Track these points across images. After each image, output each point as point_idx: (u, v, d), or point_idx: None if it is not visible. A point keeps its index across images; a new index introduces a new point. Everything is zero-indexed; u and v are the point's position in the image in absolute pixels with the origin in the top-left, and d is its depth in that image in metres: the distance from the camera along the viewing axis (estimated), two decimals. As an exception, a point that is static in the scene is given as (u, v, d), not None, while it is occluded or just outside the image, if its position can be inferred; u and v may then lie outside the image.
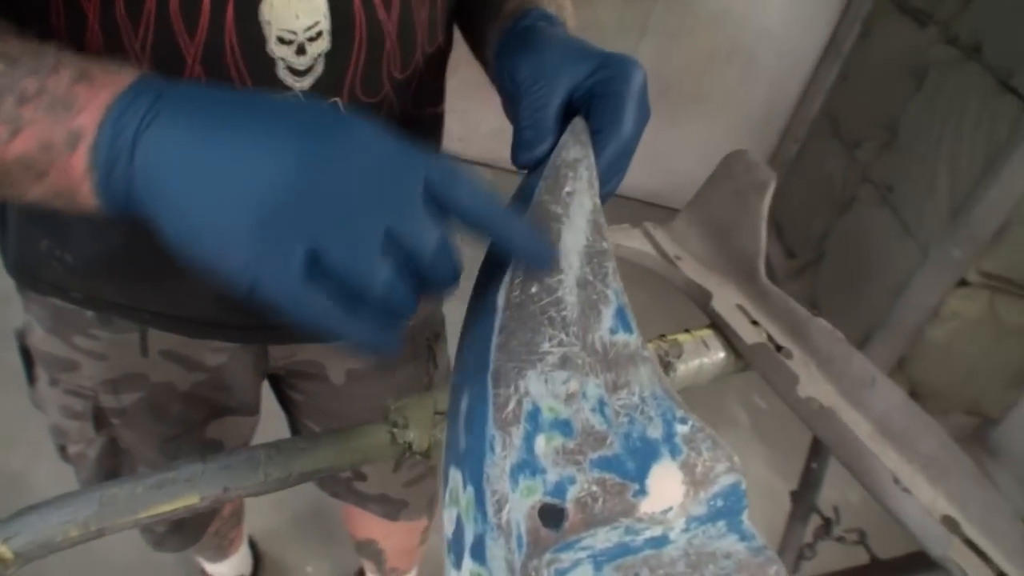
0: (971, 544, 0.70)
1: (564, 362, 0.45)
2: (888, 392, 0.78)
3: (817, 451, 1.10)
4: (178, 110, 0.43)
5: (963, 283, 2.32)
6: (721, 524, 0.42)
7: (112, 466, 1.00)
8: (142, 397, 0.91)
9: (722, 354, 0.81)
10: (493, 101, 0.69)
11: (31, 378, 0.93)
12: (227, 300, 0.60)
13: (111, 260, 0.75)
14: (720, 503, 0.42)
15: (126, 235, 0.71)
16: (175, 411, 0.94)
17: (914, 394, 2.58)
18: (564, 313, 0.47)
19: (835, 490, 1.10)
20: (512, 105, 0.63)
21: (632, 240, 0.92)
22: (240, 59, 0.61)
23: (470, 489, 0.43)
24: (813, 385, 0.79)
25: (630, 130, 0.59)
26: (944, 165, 2.38)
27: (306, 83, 0.65)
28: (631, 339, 0.48)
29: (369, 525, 1.40)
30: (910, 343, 2.45)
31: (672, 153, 3.38)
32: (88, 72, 0.45)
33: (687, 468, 0.42)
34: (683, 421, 0.44)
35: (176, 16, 0.58)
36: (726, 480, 0.42)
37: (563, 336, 0.46)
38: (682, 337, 0.80)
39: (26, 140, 0.43)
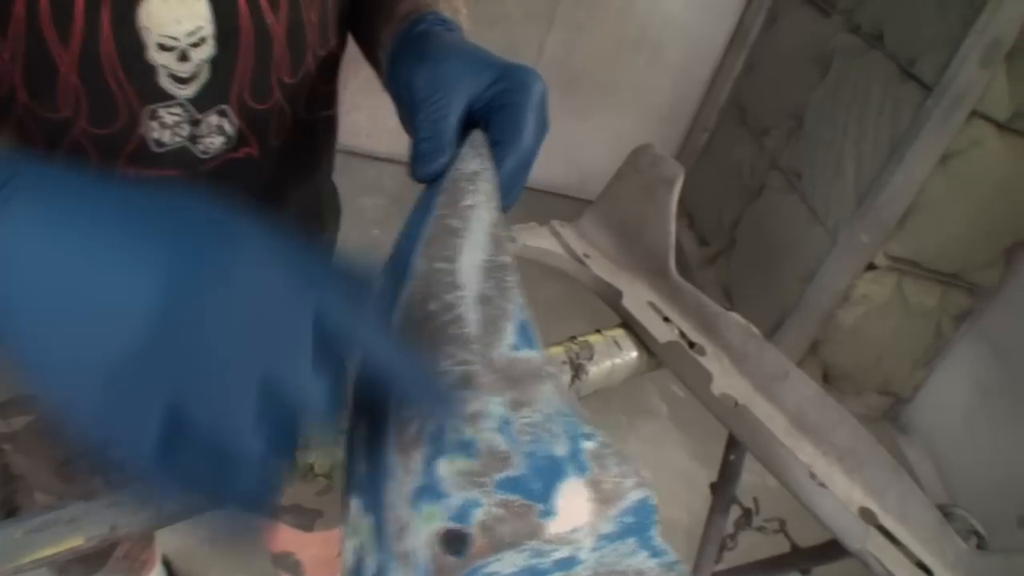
0: (888, 534, 0.70)
1: (466, 381, 0.42)
2: (801, 385, 0.77)
3: (734, 444, 1.09)
4: (30, 203, 0.32)
5: (871, 267, 2.37)
6: (631, 541, 0.40)
7: (6, 492, 0.94)
8: (32, 420, 0.86)
9: (634, 353, 0.80)
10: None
11: None
12: None
13: None
14: (630, 519, 0.40)
15: None
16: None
17: (827, 376, 2.62)
18: (465, 330, 0.44)
19: (756, 477, 1.10)
20: (408, 115, 0.58)
21: (539, 239, 0.90)
22: (119, 67, 0.57)
23: (370, 517, 0.40)
24: (726, 380, 0.78)
25: (530, 143, 0.55)
26: (850, 152, 2.42)
27: (190, 91, 0.61)
28: (534, 355, 0.45)
29: (285, 538, 1.35)
30: (822, 327, 2.49)
31: (581, 144, 3.38)
32: None
33: (594, 486, 0.40)
34: (589, 437, 0.41)
35: (47, 23, 0.54)
36: (635, 496, 0.40)
37: (464, 354, 0.43)
38: (593, 338, 0.78)
39: None
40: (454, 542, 0.37)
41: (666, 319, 0.83)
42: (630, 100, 3.44)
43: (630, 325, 0.82)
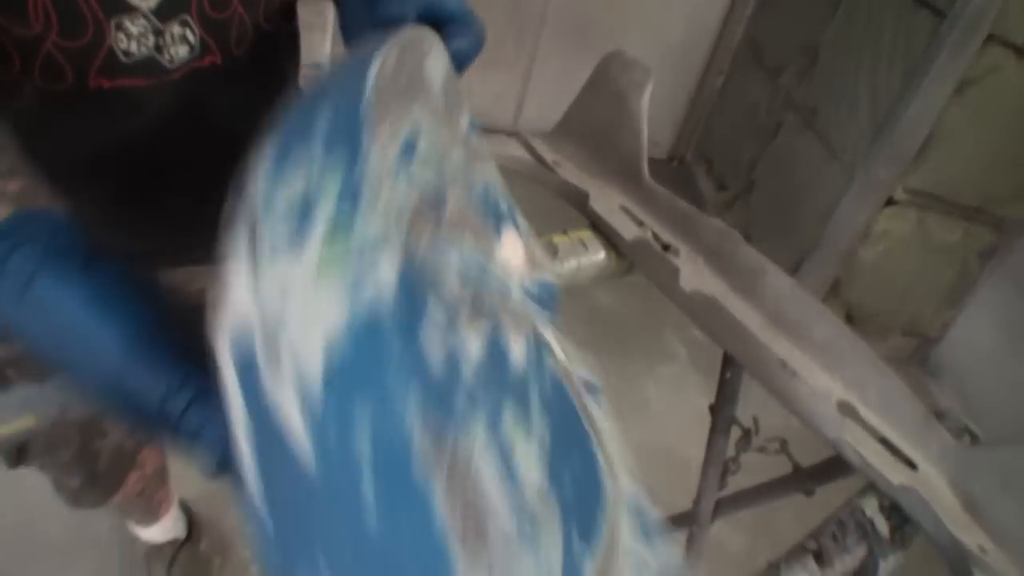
0: (869, 428, 0.67)
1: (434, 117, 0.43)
2: (779, 283, 0.74)
3: (729, 361, 1.07)
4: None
5: (891, 202, 2.31)
6: (547, 313, 0.46)
7: None
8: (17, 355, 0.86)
9: (602, 254, 0.77)
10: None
11: None
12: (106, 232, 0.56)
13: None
14: (546, 294, 0.45)
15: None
16: None
17: (851, 318, 2.57)
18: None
19: (756, 402, 1.08)
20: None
21: (508, 148, 0.87)
22: None
23: None
24: (699, 279, 0.74)
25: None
26: (864, 85, 2.35)
27: (152, 2, 0.62)
28: (483, 144, 0.50)
29: None
30: (843, 266, 2.44)
31: (597, 93, 3.32)
32: None
33: (526, 246, 0.45)
34: (517, 220, 0.48)
35: None
36: (549, 278, 0.46)
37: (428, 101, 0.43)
38: (558, 238, 0.75)
39: None
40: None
41: (639, 223, 0.79)
42: (641, 46, 3.36)
43: (599, 227, 0.78)
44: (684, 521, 1.02)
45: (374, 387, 0.30)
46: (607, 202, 0.80)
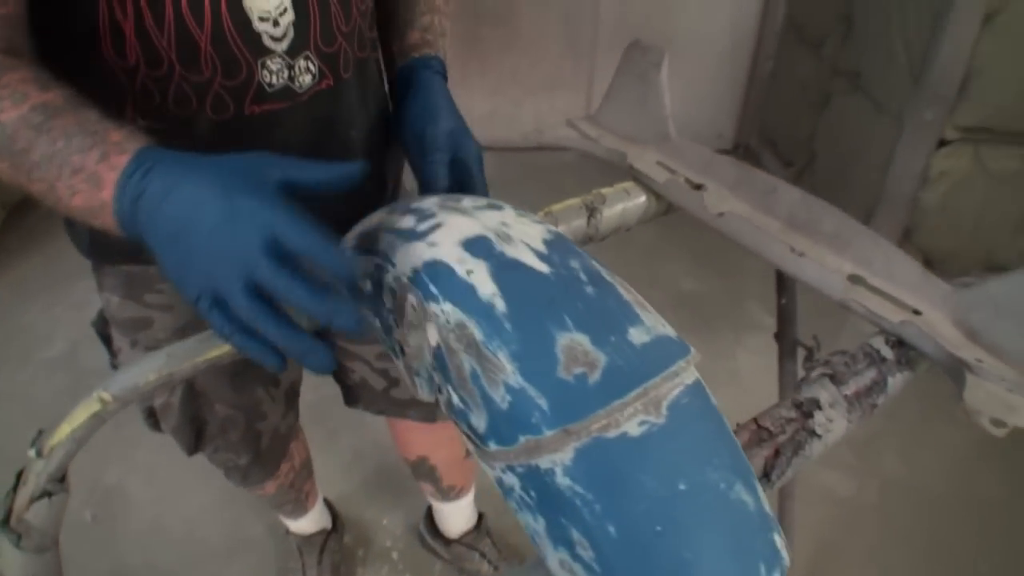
0: (876, 290, 0.82)
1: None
2: (789, 193, 0.91)
3: (782, 285, 1.22)
4: (156, 179, 0.64)
5: (943, 143, 2.41)
6: None
7: (194, 409, 1.19)
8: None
9: (643, 198, 0.95)
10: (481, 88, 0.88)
11: (112, 354, 1.14)
12: None
13: None
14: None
15: None
16: None
17: (928, 262, 2.65)
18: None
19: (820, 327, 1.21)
20: (413, 154, 0.93)
21: (561, 131, 1.06)
22: (237, 37, 0.83)
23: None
24: (725, 204, 0.92)
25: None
26: (898, 37, 2.48)
27: (284, 45, 0.86)
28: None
29: (415, 440, 1.59)
30: (909, 212, 2.54)
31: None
32: (107, 154, 0.66)
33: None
34: None
35: (188, 17, 0.79)
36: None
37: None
38: (606, 190, 0.94)
39: (79, 201, 0.67)
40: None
41: (672, 171, 0.97)
42: (691, 48, 3.54)
43: (638, 179, 0.96)
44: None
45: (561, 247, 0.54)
46: (643, 159, 0.98)
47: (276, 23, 0.85)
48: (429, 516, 1.92)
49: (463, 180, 0.90)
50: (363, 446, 2.19)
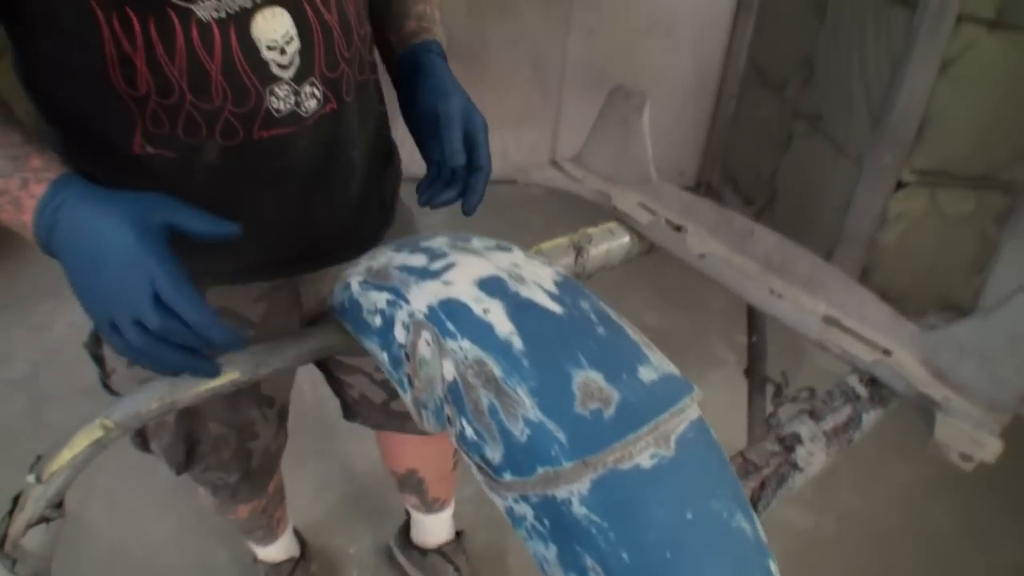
0: (849, 331, 0.87)
1: None
2: (765, 237, 0.95)
3: (753, 323, 1.26)
4: (67, 213, 0.74)
5: (901, 185, 2.49)
6: None
7: (187, 427, 1.20)
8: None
9: (627, 238, 0.99)
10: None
11: (106, 374, 1.17)
12: (264, 247, 0.98)
13: None
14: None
15: None
16: None
17: (884, 300, 2.72)
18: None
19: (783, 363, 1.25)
20: (425, 133, 1.00)
21: (546, 172, 1.09)
22: (245, 65, 0.86)
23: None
24: (705, 245, 0.96)
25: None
26: (858, 82, 2.56)
27: (290, 72, 0.90)
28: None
29: (406, 452, 1.61)
30: (868, 252, 2.61)
31: (619, 136, 3.56)
32: (27, 181, 0.75)
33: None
34: None
35: (199, 47, 0.82)
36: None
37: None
38: (592, 229, 0.98)
39: (6, 218, 0.78)
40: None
41: (653, 212, 1.01)
42: (655, 85, 3.60)
43: (622, 219, 1.00)
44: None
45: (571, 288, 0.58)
46: (626, 200, 1.02)
47: (283, 51, 0.88)
48: (405, 529, 1.93)
49: (472, 152, 0.97)
50: (330, 473, 2.20)
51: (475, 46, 3.48)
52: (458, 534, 1.90)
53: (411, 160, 1.14)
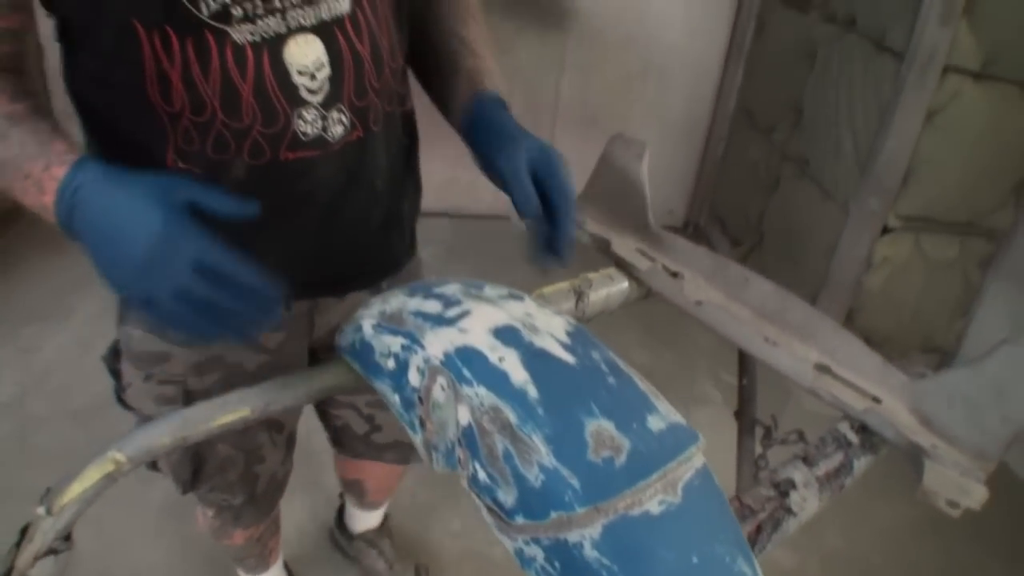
0: (840, 378, 0.89)
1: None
2: (760, 285, 0.98)
3: (744, 366, 1.29)
4: (86, 194, 0.76)
5: (886, 230, 2.53)
6: None
7: (195, 446, 1.20)
8: (220, 377, 1.14)
9: (625, 284, 1.01)
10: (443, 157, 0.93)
11: (121, 388, 1.17)
12: (285, 270, 0.96)
13: None
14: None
15: None
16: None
17: (868, 343, 2.75)
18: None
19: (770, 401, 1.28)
20: (501, 183, 0.97)
21: (545, 216, 1.12)
22: (276, 88, 0.89)
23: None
24: (701, 292, 0.98)
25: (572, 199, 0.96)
26: (845, 129, 2.61)
27: (319, 97, 0.93)
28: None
29: (360, 468, 1.68)
30: (853, 296, 2.65)
31: (609, 175, 3.61)
32: (49, 164, 0.77)
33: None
34: None
35: (233, 68, 0.86)
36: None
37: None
38: (592, 275, 1.00)
39: (29, 201, 0.80)
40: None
41: (652, 259, 1.04)
42: (647, 126, 3.68)
43: (621, 265, 1.03)
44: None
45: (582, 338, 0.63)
46: (625, 246, 1.05)
47: (313, 77, 0.91)
48: (340, 513, 2.03)
49: (548, 193, 0.94)
50: (317, 507, 2.20)
51: (468, 84, 3.51)
52: (385, 516, 1.99)
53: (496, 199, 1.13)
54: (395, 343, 0.70)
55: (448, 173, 3.64)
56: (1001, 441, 0.81)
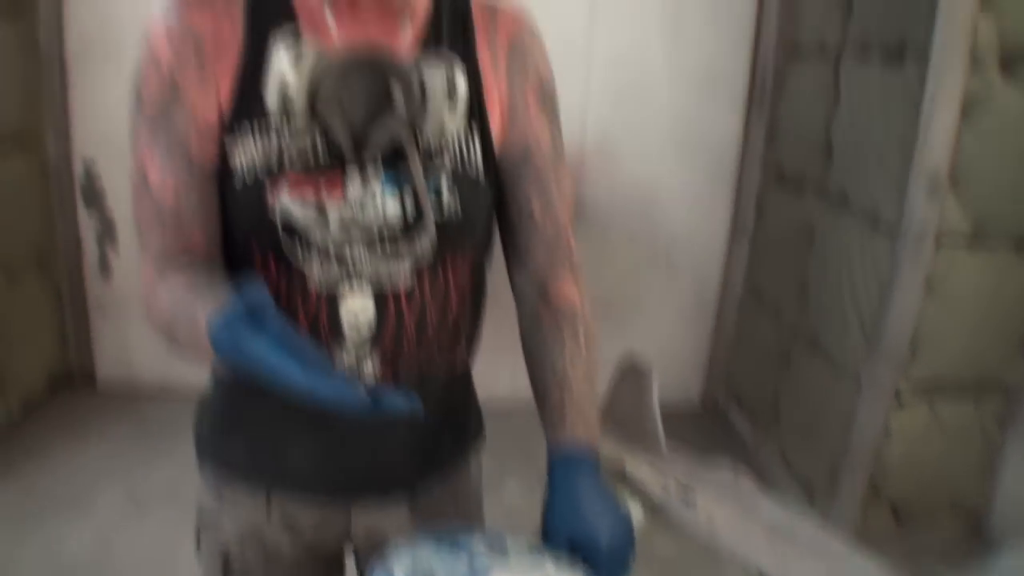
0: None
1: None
2: (770, 505, 1.04)
3: None
4: (224, 344, 0.82)
5: (900, 400, 2.58)
6: None
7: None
8: (258, 556, 1.16)
9: (640, 516, 1.06)
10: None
11: (199, 543, 1.20)
12: (322, 466, 1.07)
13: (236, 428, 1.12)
14: None
15: (242, 409, 1.11)
16: (281, 569, 1.18)
17: (897, 513, 2.74)
18: None
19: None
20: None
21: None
22: (329, 331, 1.00)
23: None
24: (715, 515, 1.04)
25: None
26: (849, 304, 2.71)
27: (356, 341, 1.01)
28: None
29: None
30: (874, 466, 2.66)
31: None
32: (198, 320, 0.85)
33: None
34: None
35: (299, 304, 0.99)
36: None
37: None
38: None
39: (192, 346, 0.89)
40: None
41: (664, 481, 1.09)
42: (657, 311, 3.81)
43: (634, 486, 1.09)
44: None
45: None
46: (639, 468, 1.11)
47: (358, 329, 1.00)
48: None
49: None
50: None
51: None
52: None
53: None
54: None
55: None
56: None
